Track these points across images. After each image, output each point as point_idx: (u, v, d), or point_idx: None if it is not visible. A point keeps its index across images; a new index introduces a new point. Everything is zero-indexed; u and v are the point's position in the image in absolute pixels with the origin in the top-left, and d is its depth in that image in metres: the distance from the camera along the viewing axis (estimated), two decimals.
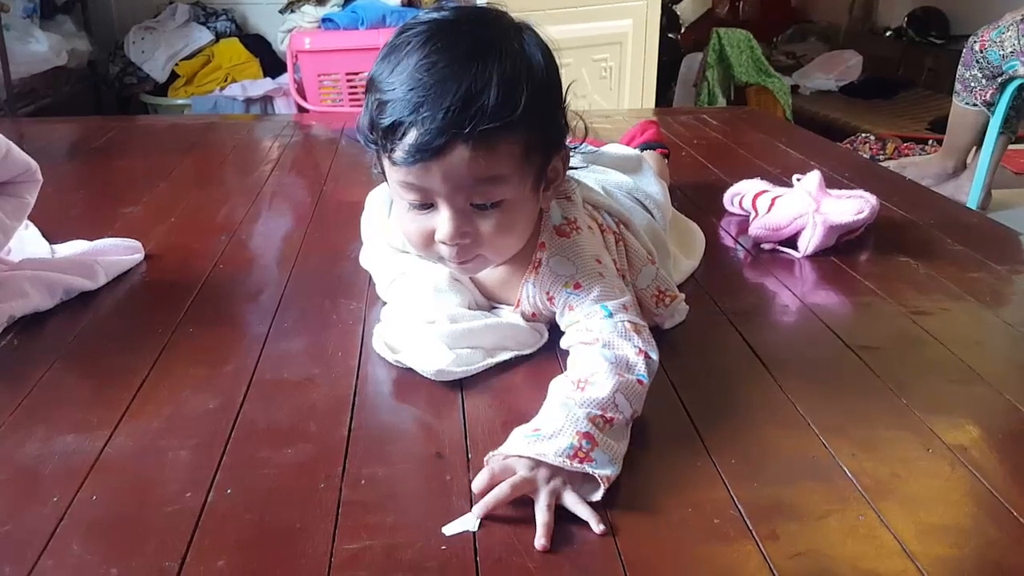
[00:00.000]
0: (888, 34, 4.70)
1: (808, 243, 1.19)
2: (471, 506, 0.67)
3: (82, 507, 0.68)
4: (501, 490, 0.66)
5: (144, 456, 0.75)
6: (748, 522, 0.66)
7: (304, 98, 2.89)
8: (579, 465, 0.67)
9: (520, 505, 0.68)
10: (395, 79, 0.77)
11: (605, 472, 0.68)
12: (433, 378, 0.85)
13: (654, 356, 0.81)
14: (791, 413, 0.82)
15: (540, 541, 0.63)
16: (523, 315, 0.95)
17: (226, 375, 0.89)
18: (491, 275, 0.95)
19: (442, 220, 0.80)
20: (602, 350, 0.79)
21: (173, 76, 3.30)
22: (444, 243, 0.82)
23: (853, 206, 1.20)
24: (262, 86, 3.19)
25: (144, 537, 0.65)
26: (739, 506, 0.68)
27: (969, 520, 0.68)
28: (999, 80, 2.45)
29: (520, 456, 0.69)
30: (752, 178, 1.39)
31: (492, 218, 0.81)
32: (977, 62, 2.49)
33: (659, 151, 1.47)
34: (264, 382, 0.88)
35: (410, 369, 0.88)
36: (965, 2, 3.96)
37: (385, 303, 1.02)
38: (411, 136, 0.76)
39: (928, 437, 0.78)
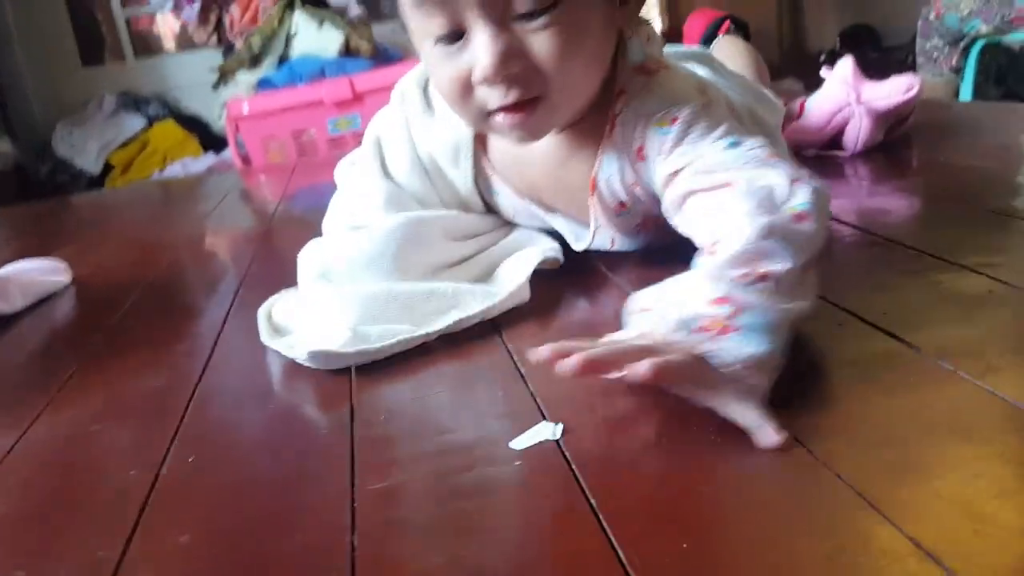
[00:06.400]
0: (822, 57, 4.70)
1: (857, 138, 1.01)
2: (544, 417, 0.47)
3: None
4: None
5: (69, 444, 0.54)
6: (955, 362, 0.46)
7: (250, 167, 2.70)
8: (711, 343, 0.43)
9: (611, 395, 0.47)
10: None
11: (757, 350, 0.43)
12: (306, 363, 0.57)
13: (815, 183, 0.52)
14: (910, 255, 0.63)
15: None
16: (597, 221, 0.67)
17: (178, 353, 0.68)
18: (547, 154, 0.67)
19: (480, 48, 0.56)
20: (730, 190, 0.53)
21: (108, 168, 3.10)
22: (487, 81, 0.57)
23: (900, 84, 1.02)
24: (204, 162, 2.99)
25: (66, 529, 0.43)
26: (915, 348, 0.48)
27: None
28: (961, 45, 2.36)
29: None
30: None
31: (546, 32, 0.56)
32: (936, 30, 2.41)
33: (725, 29, 1.20)
34: (231, 348, 0.66)
35: None
36: (892, 12, 3.93)
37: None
38: None
39: None
